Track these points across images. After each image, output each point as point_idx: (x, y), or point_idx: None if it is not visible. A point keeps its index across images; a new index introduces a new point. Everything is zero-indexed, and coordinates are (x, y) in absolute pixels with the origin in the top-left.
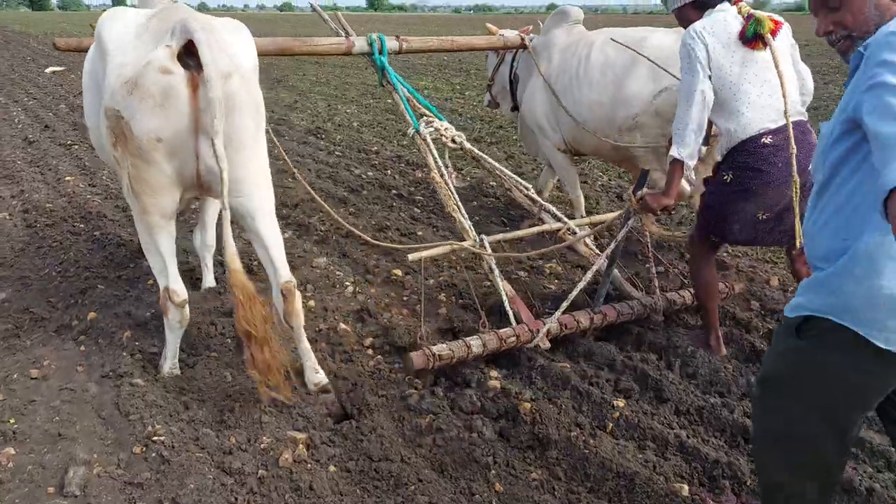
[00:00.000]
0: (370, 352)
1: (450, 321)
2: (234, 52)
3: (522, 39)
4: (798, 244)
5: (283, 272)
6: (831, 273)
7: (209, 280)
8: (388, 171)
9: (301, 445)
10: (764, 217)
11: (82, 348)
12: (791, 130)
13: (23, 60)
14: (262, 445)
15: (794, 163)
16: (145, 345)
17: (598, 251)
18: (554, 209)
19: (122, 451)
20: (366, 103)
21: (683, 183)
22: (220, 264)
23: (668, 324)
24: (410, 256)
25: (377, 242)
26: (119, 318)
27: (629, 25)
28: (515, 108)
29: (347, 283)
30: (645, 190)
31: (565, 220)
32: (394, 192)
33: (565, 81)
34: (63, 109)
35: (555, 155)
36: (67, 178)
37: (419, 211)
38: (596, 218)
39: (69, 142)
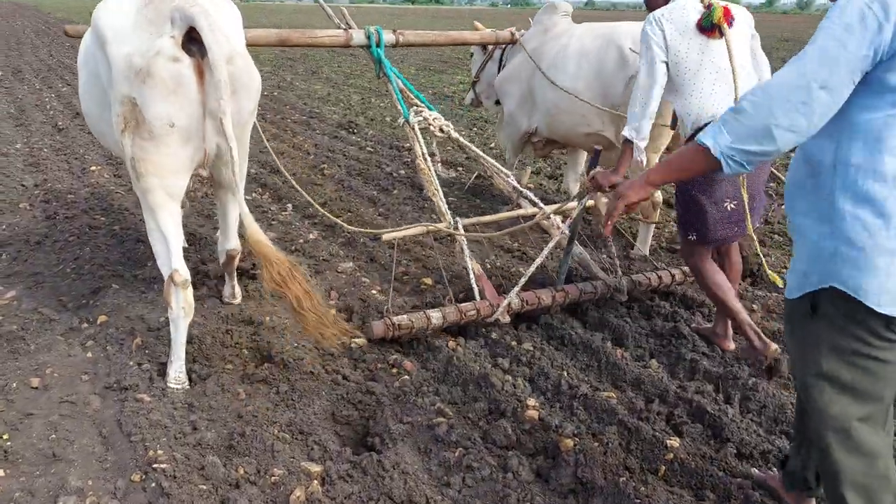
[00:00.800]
0: (394, 370)
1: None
2: (230, 34)
3: (513, 35)
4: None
5: (233, 241)
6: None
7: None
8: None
9: (315, 481)
10: (733, 206)
11: (89, 355)
12: None
13: (61, 46)
14: (272, 479)
15: None
16: (155, 353)
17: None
18: (532, 196)
19: (119, 478)
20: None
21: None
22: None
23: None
24: (385, 236)
25: (354, 229)
26: (131, 322)
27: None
28: (499, 101)
29: (374, 291)
30: (598, 169)
31: (542, 205)
32: (426, 191)
33: (548, 65)
34: None
35: (515, 139)
36: (93, 168)
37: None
38: (571, 204)
39: None
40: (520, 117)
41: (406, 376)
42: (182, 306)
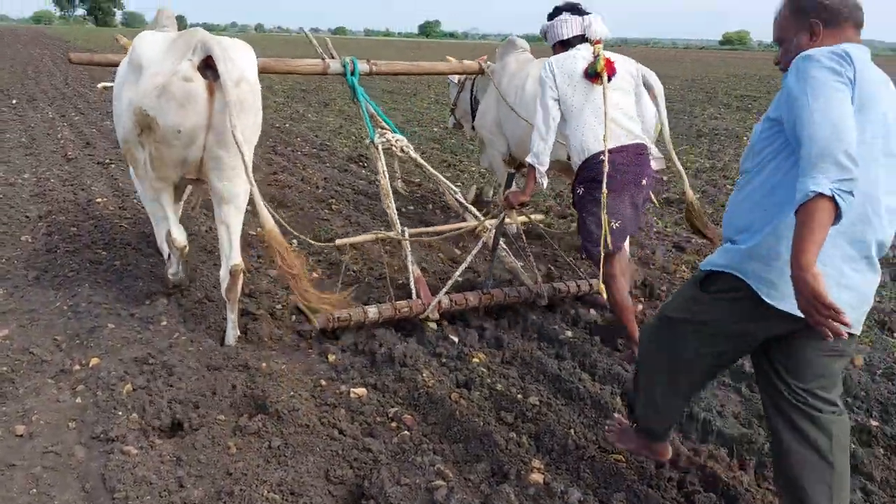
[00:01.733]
0: (393, 424)
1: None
2: (242, 65)
3: (480, 66)
4: (610, 245)
5: (235, 255)
6: (749, 241)
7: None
8: (429, 206)
9: None
10: (617, 226)
11: (78, 400)
12: (607, 155)
13: (79, 75)
14: None
15: (606, 178)
16: (145, 402)
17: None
18: (475, 210)
19: None
20: (411, 130)
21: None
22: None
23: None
24: (338, 241)
25: (313, 241)
26: (124, 365)
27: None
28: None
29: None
30: (511, 189)
31: (482, 218)
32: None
33: (513, 100)
34: (108, 126)
35: (498, 162)
36: (98, 200)
37: (460, 252)
38: (516, 219)
39: (107, 160)
40: (496, 143)
41: (406, 431)
42: (179, 269)
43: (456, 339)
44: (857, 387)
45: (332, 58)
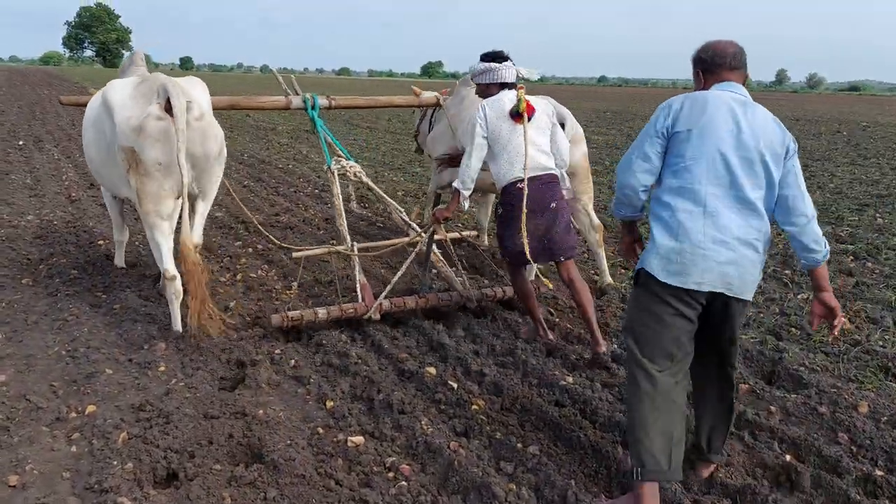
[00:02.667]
0: (390, 474)
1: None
2: (200, 101)
3: (438, 99)
4: (528, 254)
5: (197, 235)
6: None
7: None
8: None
9: None
10: (532, 245)
11: (73, 449)
12: (526, 182)
13: (83, 115)
14: None
15: (525, 201)
16: (140, 452)
17: (442, 257)
18: (416, 227)
19: None
20: (413, 171)
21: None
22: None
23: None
24: (295, 254)
25: (281, 244)
26: (120, 413)
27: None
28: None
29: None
30: (438, 207)
31: (421, 234)
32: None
33: (461, 132)
34: None
35: (443, 184)
36: (100, 243)
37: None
38: (450, 235)
39: None
40: (445, 170)
41: (403, 482)
42: (173, 293)
43: (455, 385)
44: (861, 435)
45: (297, 94)
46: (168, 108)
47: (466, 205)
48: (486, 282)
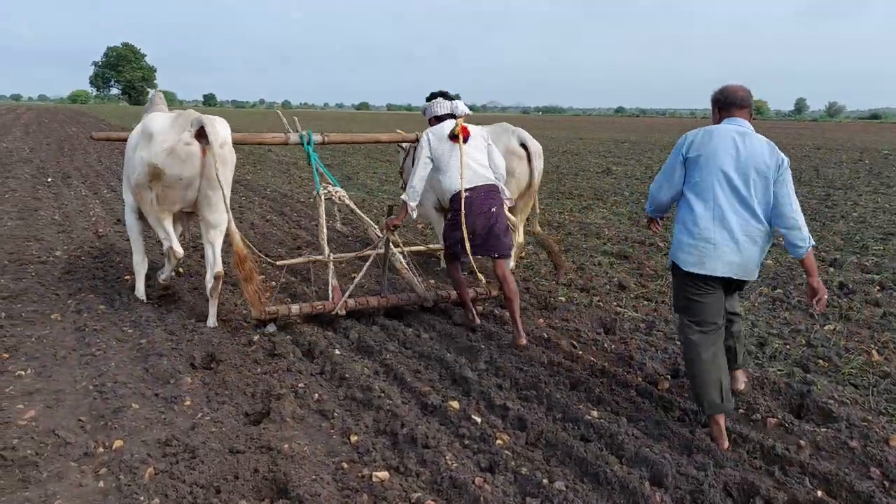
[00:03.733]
0: None
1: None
2: (223, 133)
3: (418, 136)
4: (468, 252)
5: (217, 264)
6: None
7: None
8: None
9: None
10: (471, 239)
11: (101, 484)
12: (463, 192)
13: (111, 152)
14: None
15: (463, 208)
16: (168, 486)
17: (407, 265)
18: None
19: None
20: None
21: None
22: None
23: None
24: (278, 263)
25: (264, 256)
26: (147, 448)
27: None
28: None
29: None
30: (390, 217)
31: (392, 248)
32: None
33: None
34: None
35: (430, 210)
36: (126, 277)
37: (475, 343)
38: (414, 248)
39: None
40: (428, 196)
41: None
42: (173, 261)
43: (479, 420)
44: (893, 469)
45: (296, 131)
46: (198, 136)
47: (415, 214)
48: (443, 286)
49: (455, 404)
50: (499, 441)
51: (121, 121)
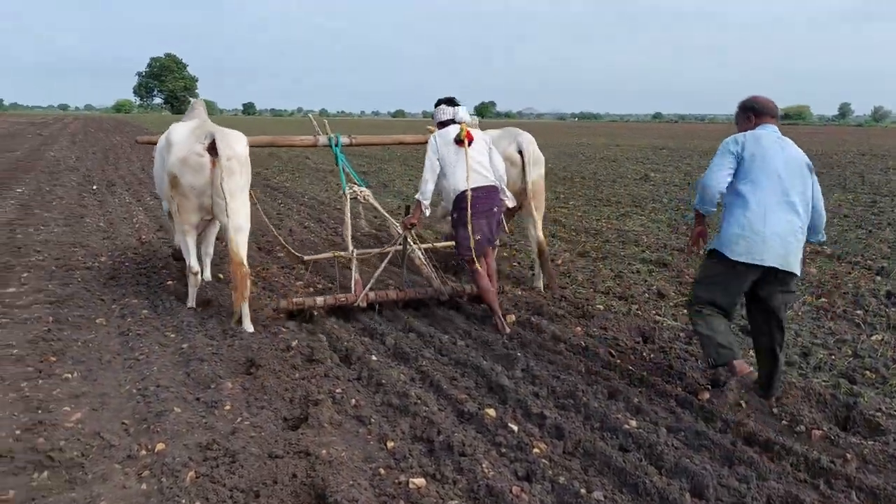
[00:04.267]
0: None
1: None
2: (233, 147)
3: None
4: (474, 250)
5: (237, 256)
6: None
7: (207, 274)
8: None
9: None
10: (478, 238)
11: (143, 487)
12: (469, 191)
13: (152, 161)
14: None
15: (469, 206)
16: (209, 490)
17: (427, 262)
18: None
19: None
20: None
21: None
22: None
23: None
24: (305, 258)
25: (293, 251)
26: (188, 451)
27: (624, 132)
28: None
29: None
30: (407, 217)
31: (412, 245)
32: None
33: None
34: None
35: (448, 210)
36: (169, 283)
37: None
38: (432, 245)
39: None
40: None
41: None
42: (194, 284)
43: (515, 428)
44: None
45: (326, 134)
46: (210, 148)
47: (427, 212)
48: (460, 281)
49: (491, 412)
50: (536, 450)
51: (163, 129)
